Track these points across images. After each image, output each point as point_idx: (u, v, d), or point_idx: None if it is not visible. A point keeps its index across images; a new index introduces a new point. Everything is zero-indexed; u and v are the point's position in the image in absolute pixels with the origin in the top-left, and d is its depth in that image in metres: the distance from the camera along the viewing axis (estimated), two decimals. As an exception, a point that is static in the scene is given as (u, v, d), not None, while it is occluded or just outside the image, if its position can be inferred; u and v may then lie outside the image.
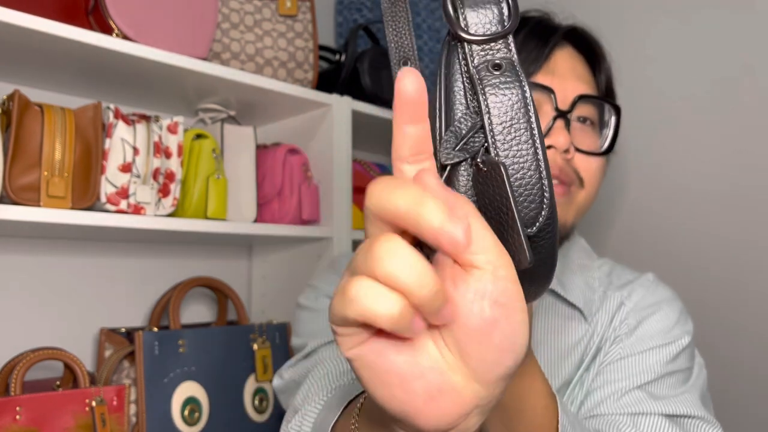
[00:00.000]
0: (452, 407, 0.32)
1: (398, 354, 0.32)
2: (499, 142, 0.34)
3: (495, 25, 0.35)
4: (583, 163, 0.75)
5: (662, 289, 0.80)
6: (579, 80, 0.76)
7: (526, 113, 0.34)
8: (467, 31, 0.35)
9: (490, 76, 0.34)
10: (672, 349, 0.72)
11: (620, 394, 0.68)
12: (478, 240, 0.30)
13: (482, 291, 0.30)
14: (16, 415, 0.86)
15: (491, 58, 0.35)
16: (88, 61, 0.96)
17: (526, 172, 0.34)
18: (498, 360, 0.31)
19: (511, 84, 0.34)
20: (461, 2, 0.35)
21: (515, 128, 0.34)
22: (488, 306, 0.30)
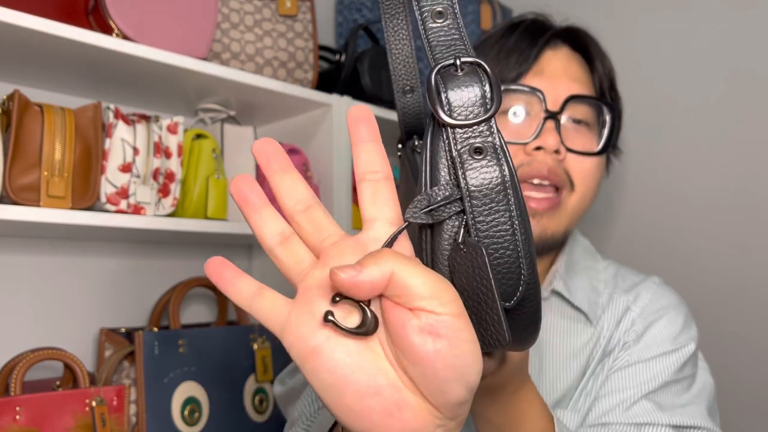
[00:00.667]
0: (411, 423, 0.33)
1: (352, 358, 0.33)
2: (479, 223, 0.35)
3: (477, 108, 0.36)
4: (576, 165, 0.75)
5: (668, 293, 0.80)
6: (572, 80, 0.76)
7: (505, 195, 0.35)
8: (450, 115, 0.36)
9: (471, 160, 0.36)
10: (678, 356, 0.72)
11: (628, 404, 0.68)
12: (421, 287, 0.32)
13: (425, 326, 0.32)
14: (16, 415, 0.86)
15: (473, 141, 0.36)
16: (88, 61, 0.96)
17: (504, 251, 0.36)
18: (445, 389, 0.32)
19: (491, 168, 0.35)
20: (444, 85, 0.36)
21: (495, 210, 0.35)
22: (430, 339, 0.32)
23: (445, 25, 0.38)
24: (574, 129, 0.76)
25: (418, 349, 0.32)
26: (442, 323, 0.32)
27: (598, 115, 0.78)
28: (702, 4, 1.26)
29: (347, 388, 0.33)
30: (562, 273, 0.78)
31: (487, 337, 0.36)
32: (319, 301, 0.35)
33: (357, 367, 0.33)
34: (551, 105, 0.74)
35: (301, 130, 1.27)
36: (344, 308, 0.34)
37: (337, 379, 0.33)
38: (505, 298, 0.36)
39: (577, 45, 0.80)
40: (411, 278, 0.32)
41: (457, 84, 0.36)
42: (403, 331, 0.32)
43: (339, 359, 0.33)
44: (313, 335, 0.33)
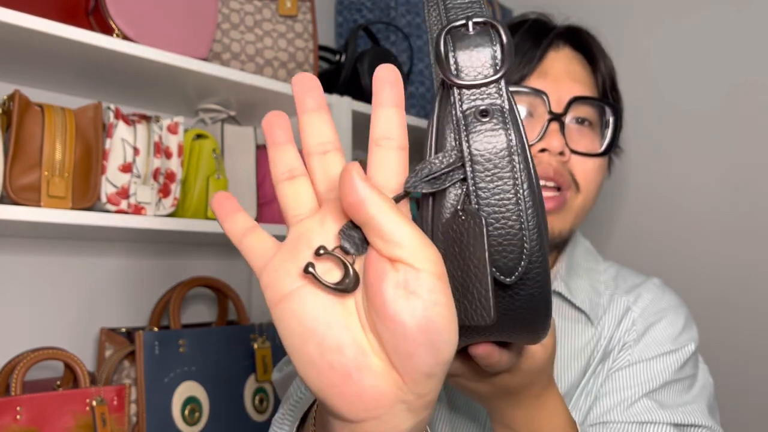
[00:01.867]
0: (370, 391, 0.31)
1: (322, 311, 0.32)
2: (480, 190, 0.34)
3: (487, 69, 0.34)
4: (580, 166, 0.75)
5: (669, 294, 0.80)
6: (575, 81, 0.76)
7: (510, 161, 0.33)
8: (458, 75, 0.34)
9: (476, 122, 0.34)
10: (679, 356, 0.72)
11: (629, 403, 0.68)
12: (401, 234, 0.31)
13: (402, 281, 0.31)
14: (16, 415, 0.86)
15: (479, 103, 0.34)
16: (88, 61, 0.96)
17: (507, 222, 0.34)
18: (413, 352, 0.30)
19: (497, 131, 0.34)
20: (452, 45, 0.34)
21: (498, 177, 0.33)
22: (403, 295, 0.30)
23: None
24: (578, 130, 0.76)
25: (390, 305, 0.30)
26: (419, 281, 0.30)
27: (601, 116, 0.78)
28: (704, 7, 1.27)
29: (311, 339, 0.32)
30: (563, 274, 0.78)
31: (471, 310, 0.34)
32: (304, 250, 0.34)
33: (325, 320, 0.32)
34: (555, 107, 0.74)
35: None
36: (327, 263, 0.33)
37: (303, 329, 0.32)
38: (506, 273, 0.34)
39: (579, 45, 0.80)
40: (395, 224, 0.31)
41: (467, 44, 0.34)
42: (379, 283, 0.31)
43: (309, 309, 0.32)
44: (290, 281, 0.33)
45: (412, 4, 1.42)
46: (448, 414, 0.74)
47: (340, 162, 0.36)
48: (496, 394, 0.50)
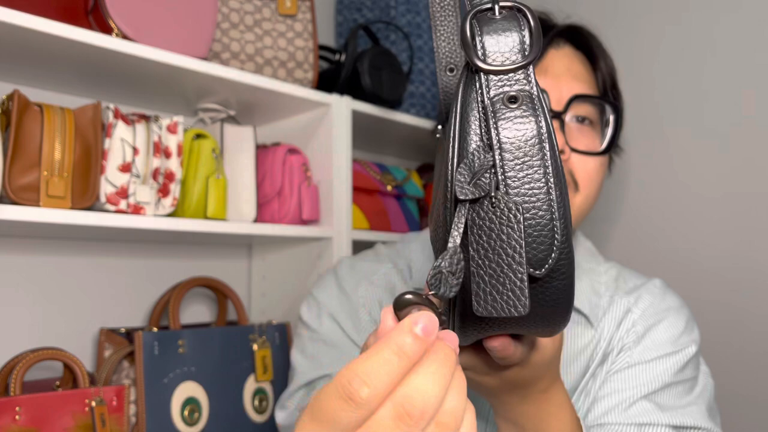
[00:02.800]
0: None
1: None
2: (510, 179, 0.32)
3: (515, 54, 0.33)
4: (580, 164, 0.75)
5: (670, 296, 0.79)
6: (575, 79, 0.76)
7: (541, 149, 0.32)
8: (484, 60, 0.33)
9: (504, 109, 0.33)
10: (679, 358, 0.72)
11: (627, 404, 0.68)
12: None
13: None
14: (15, 415, 0.86)
15: (508, 90, 0.33)
16: (87, 60, 0.96)
17: (537, 212, 0.32)
18: None
19: (527, 118, 0.33)
20: (479, 29, 0.33)
21: (528, 165, 0.32)
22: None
23: None
24: (578, 129, 0.76)
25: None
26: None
27: (601, 115, 0.78)
28: (705, 6, 1.26)
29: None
30: None
31: (502, 302, 0.33)
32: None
33: None
34: (555, 105, 0.73)
35: (300, 130, 1.27)
36: None
37: None
38: (535, 265, 0.33)
39: (580, 43, 0.79)
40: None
41: (494, 28, 0.33)
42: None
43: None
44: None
45: (412, 3, 1.41)
46: None
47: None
48: (504, 387, 0.50)
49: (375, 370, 0.30)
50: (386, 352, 0.30)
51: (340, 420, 0.31)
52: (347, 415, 0.30)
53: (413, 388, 0.30)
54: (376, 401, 0.30)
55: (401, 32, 1.38)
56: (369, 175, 1.33)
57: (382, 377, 0.30)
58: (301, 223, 1.20)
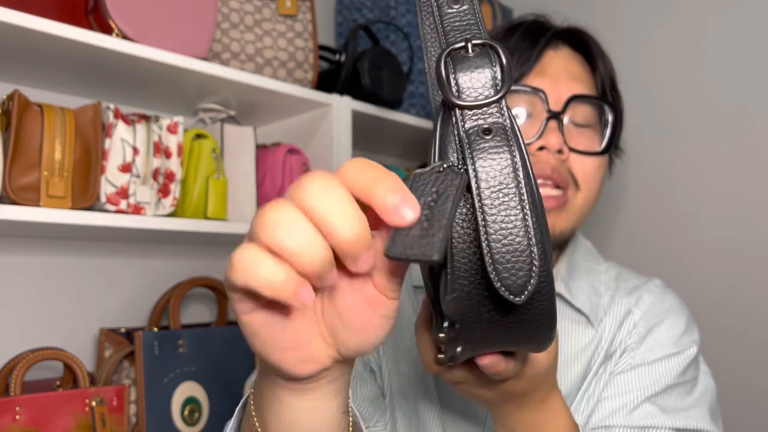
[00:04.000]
0: (312, 366, 0.37)
1: (283, 329, 0.35)
2: (486, 206, 0.34)
3: (488, 89, 0.35)
4: (579, 164, 0.75)
5: (670, 296, 0.80)
6: (573, 80, 0.76)
7: (515, 178, 0.34)
8: (459, 97, 0.35)
9: (479, 140, 0.34)
10: (681, 359, 0.72)
11: (631, 407, 0.68)
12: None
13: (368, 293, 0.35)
14: (15, 415, 0.86)
15: (482, 122, 0.35)
16: (87, 61, 0.96)
17: (514, 238, 0.33)
18: (357, 342, 0.37)
19: (501, 149, 0.34)
20: (453, 68, 0.35)
21: (503, 193, 0.34)
22: (364, 300, 0.35)
23: (462, 10, 0.37)
24: (577, 129, 0.76)
25: (367, 327, 0.36)
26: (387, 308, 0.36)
27: (600, 115, 0.78)
28: (705, 6, 1.26)
29: (274, 343, 0.36)
30: (563, 275, 0.78)
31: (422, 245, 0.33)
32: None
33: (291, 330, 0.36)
34: (553, 105, 0.73)
35: (301, 130, 1.27)
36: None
37: (266, 334, 0.36)
38: (515, 292, 0.34)
39: (578, 45, 0.79)
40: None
41: (467, 66, 0.35)
42: (365, 312, 0.36)
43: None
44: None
45: (412, 3, 1.42)
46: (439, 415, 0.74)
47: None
48: (501, 399, 0.50)
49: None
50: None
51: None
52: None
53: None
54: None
55: (401, 32, 1.38)
56: (369, 175, 1.33)
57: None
58: (301, 223, 1.20)
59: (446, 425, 0.73)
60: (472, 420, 0.73)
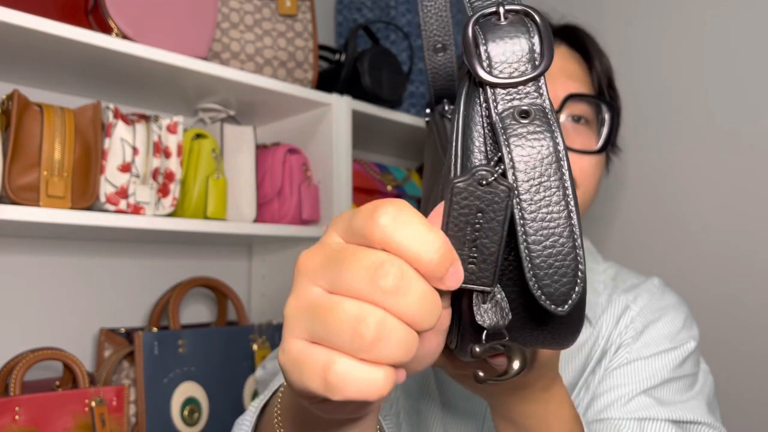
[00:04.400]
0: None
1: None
2: (525, 202, 0.29)
3: (524, 64, 0.30)
4: (576, 163, 0.75)
5: (669, 294, 0.80)
6: (570, 79, 0.76)
7: (558, 169, 0.29)
8: (491, 72, 0.30)
9: (516, 124, 0.29)
10: (678, 353, 0.72)
11: (626, 399, 0.68)
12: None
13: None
14: (15, 416, 0.86)
15: (518, 103, 0.30)
16: (87, 60, 0.96)
17: (558, 239, 0.29)
18: (417, 366, 0.34)
19: (541, 134, 0.29)
20: (483, 37, 0.30)
21: (545, 186, 0.29)
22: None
23: None
24: (573, 128, 0.76)
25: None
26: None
27: (598, 114, 0.78)
28: (703, 4, 1.26)
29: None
30: None
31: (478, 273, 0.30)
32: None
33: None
34: None
35: (300, 130, 1.27)
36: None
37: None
38: (558, 301, 0.29)
39: (575, 43, 0.79)
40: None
41: (500, 35, 0.30)
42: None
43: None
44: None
45: (412, 3, 1.41)
46: (440, 413, 0.74)
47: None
48: (503, 389, 0.49)
49: (408, 222, 0.28)
50: (426, 230, 0.28)
51: (356, 219, 0.29)
52: (359, 220, 0.29)
53: (390, 319, 0.28)
54: (379, 232, 0.28)
55: (401, 32, 1.38)
56: (369, 175, 1.33)
57: (405, 228, 0.28)
58: (301, 223, 1.20)
59: (447, 422, 0.74)
60: (471, 417, 0.73)
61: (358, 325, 0.27)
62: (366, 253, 0.28)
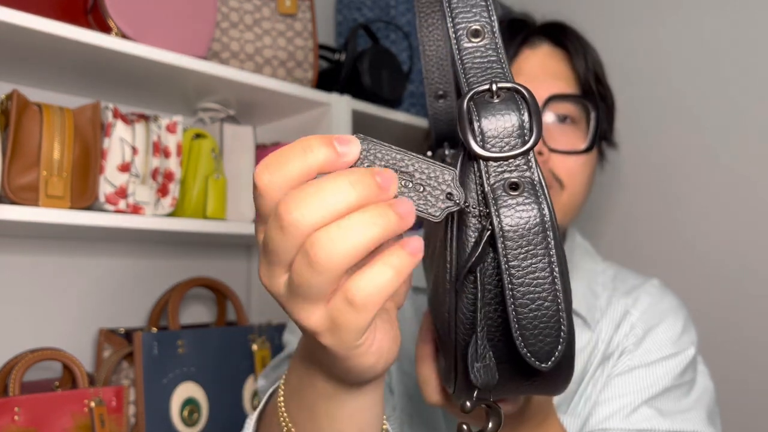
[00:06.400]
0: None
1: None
2: (513, 268, 0.31)
3: (515, 138, 0.32)
4: (561, 163, 0.74)
5: (668, 296, 0.79)
6: (553, 78, 0.74)
7: (544, 237, 0.31)
8: (483, 146, 0.32)
9: (506, 196, 0.32)
10: (679, 360, 0.72)
11: (629, 410, 0.68)
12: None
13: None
14: (14, 416, 0.86)
15: (508, 176, 0.32)
16: (86, 60, 0.96)
17: (543, 303, 0.31)
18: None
19: (529, 205, 0.31)
20: (477, 112, 0.32)
21: (532, 254, 0.31)
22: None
23: (482, 45, 0.34)
24: (559, 128, 0.75)
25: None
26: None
27: (586, 111, 0.77)
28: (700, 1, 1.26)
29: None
30: None
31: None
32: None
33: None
34: None
35: (300, 130, 1.26)
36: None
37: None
38: (542, 358, 0.32)
39: (558, 40, 0.78)
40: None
41: (492, 112, 0.32)
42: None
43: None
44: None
45: (411, 2, 1.41)
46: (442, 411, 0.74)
47: None
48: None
49: (278, 158, 0.30)
50: (297, 146, 0.31)
51: (256, 206, 0.32)
52: (256, 201, 0.31)
53: (321, 234, 0.30)
54: (272, 191, 0.30)
55: (401, 32, 1.38)
56: (369, 175, 1.32)
57: (282, 167, 0.30)
58: (301, 223, 1.20)
59: (449, 424, 0.73)
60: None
61: (309, 261, 0.30)
62: (272, 218, 0.30)
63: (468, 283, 0.34)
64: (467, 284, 0.34)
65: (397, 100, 1.30)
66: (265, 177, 0.31)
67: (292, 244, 0.30)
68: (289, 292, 0.32)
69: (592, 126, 0.76)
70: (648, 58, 1.33)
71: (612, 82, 0.84)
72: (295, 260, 0.31)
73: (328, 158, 0.31)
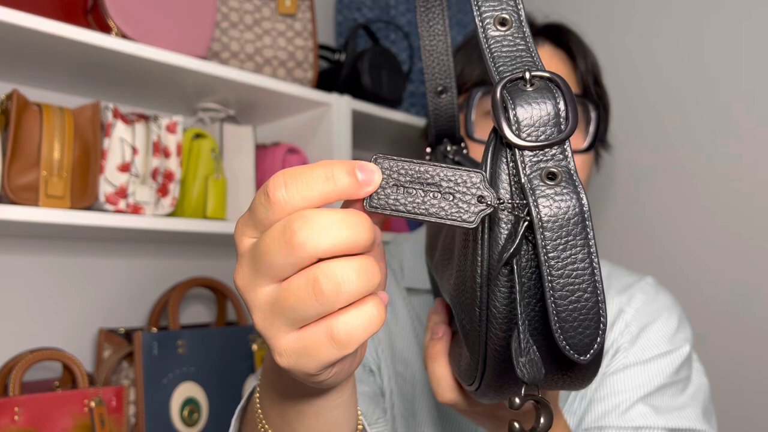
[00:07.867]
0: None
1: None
2: (552, 259, 0.31)
3: (551, 127, 0.32)
4: None
5: (662, 294, 0.80)
6: None
7: (583, 228, 0.31)
8: (518, 135, 0.32)
9: (543, 186, 0.31)
10: (674, 358, 0.72)
11: (624, 408, 0.68)
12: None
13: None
14: (14, 416, 0.86)
15: (545, 165, 0.32)
16: (86, 60, 0.96)
17: (582, 294, 0.31)
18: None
19: (568, 195, 0.31)
20: (512, 100, 0.32)
21: (571, 245, 0.31)
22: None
23: (509, 33, 0.34)
24: None
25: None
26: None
27: (585, 112, 0.78)
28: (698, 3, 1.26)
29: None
30: None
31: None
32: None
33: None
34: None
35: (300, 130, 1.26)
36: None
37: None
38: (581, 351, 0.31)
39: (559, 41, 0.79)
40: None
41: (527, 100, 0.32)
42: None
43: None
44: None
45: (411, 2, 1.41)
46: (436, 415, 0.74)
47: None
48: (501, 425, 0.51)
49: (298, 178, 0.31)
50: (319, 170, 0.31)
51: (257, 214, 0.32)
52: (261, 211, 0.32)
53: (334, 268, 0.30)
54: (285, 208, 0.31)
55: (401, 32, 1.38)
56: (369, 175, 1.32)
57: (301, 188, 0.31)
58: (301, 223, 1.20)
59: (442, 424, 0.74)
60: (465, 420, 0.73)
61: (314, 289, 0.30)
62: (276, 231, 0.31)
63: (502, 276, 0.33)
64: (501, 278, 0.33)
65: (397, 100, 1.30)
66: (280, 193, 0.31)
67: (293, 264, 0.30)
68: (272, 307, 0.32)
69: (593, 126, 0.77)
70: (643, 58, 1.33)
71: (606, 84, 0.85)
72: (297, 285, 0.31)
73: (350, 187, 0.31)
